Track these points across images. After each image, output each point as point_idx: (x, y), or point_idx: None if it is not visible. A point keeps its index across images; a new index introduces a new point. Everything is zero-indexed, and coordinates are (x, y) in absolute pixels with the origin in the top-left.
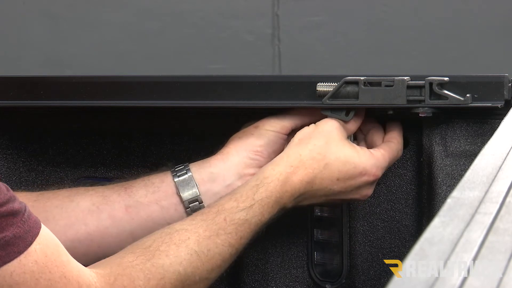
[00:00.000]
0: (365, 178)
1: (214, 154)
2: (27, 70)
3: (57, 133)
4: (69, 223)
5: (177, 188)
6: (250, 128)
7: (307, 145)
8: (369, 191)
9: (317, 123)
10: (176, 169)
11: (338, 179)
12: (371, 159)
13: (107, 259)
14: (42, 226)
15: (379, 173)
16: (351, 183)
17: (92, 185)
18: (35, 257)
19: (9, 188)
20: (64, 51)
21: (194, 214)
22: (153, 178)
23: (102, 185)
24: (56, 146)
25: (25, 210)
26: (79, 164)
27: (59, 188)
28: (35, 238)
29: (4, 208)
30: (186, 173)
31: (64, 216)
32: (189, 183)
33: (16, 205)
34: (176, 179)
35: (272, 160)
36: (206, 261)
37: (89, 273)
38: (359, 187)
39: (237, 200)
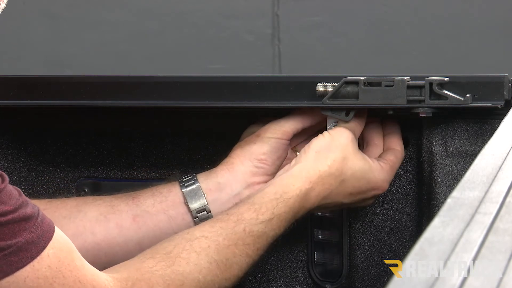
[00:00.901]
0: (374, 192)
1: (214, 154)
2: (27, 70)
3: (57, 133)
4: (77, 232)
5: (184, 198)
6: (252, 137)
7: (325, 160)
8: (372, 200)
9: (332, 133)
10: (183, 179)
11: (350, 194)
12: (382, 173)
13: (124, 263)
14: (56, 229)
15: (387, 186)
16: (362, 196)
17: (92, 185)
18: (48, 262)
19: (22, 193)
20: (64, 51)
21: (213, 220)
22: (161, 188)
23: (109, 194)
24: (56, 146)
25: (38, 214)
26: (79, 164)
27: (59, 189)
28: (48, 242)
29: (16, 214)
30: (193, 183)
31: (71, 226)
32: (196, 192)
33: (28, 210)
34: (184, 189)
35: (291, 173)
36: (224, 270)
37: (104, 277)
38: (367, 198)
39: (257, 212)
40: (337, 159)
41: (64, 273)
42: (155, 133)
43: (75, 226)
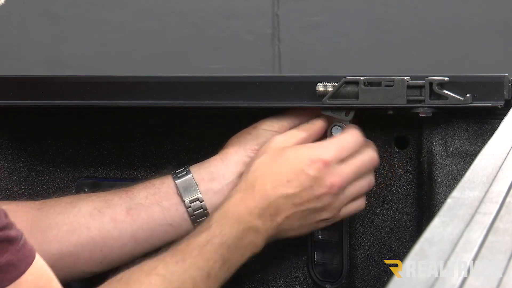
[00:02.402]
0: (318, 166)
1: (214, 154)
2: (27, 70)
3: (57, 133)
4: (72, 228)
5: (177, 189)
6: (249, 129)
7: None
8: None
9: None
10: (176, 171)
11: (288, 181)
12: (311, 148)
13: None
14: (37, 256)
15: (331, 157)
16: (307, 178)
17: (92, 185)
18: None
19: (7, 215)
20: (64, 51)
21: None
22: (154, 180)
23: (104, 190)
24: (56, 146)
25: (21, 238)
26: (79, 164)
27: (59, 189)
28: (28, 267)
29: (0, 234)
30: (186, 174)
31: (66, 222)
32: (189, 183)
33: (12, 233)
34: (176, 180)
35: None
36: (178, 286)
37: None
38: (316, 178)
39: (197, 229)
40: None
41: None
42: (155, 133)
43: (70, 222)
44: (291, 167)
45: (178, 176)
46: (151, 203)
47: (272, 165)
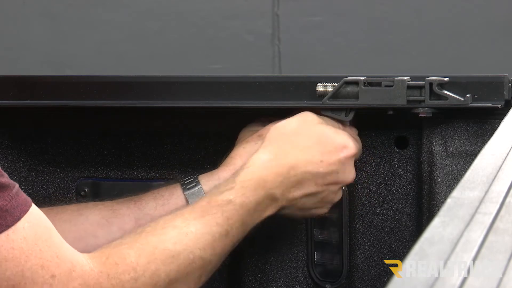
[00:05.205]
0: (349, 154)
1: (214, 154)
2: (27, 70)
3: (57, 133)
4: (78, 236)
5: (187, 201)
6: (254, 137)
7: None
8: (351, 170)
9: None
10: (185, 182)
11: (321, 161)
12: (345, 135)
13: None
14: (33, 206)
15: (357, 151)
16: (338, 163)
17: (92, 185)
18: (23, 234)
19: None
20: (64, 51)
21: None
22: (163, 191)
23: (111, 199)
24: (56, 146)
25: (14, 186)
26: (79, 164)
27: (59, 189)
28: (24, 214)
29: None
30: (195, 185)
31: (73, 229)
32: (198, 195)
33: (3, 180)
34: (186, 192)
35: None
36: (195, 239)
37: (82, 255)
38: (345, 169)
39: (219, 186)
40: (291, 126)
41: (41, 247)
42: (155, 133)
43: (77, 229)
44: (327, 149)
45: (187, 187)
46: (160, 214)
47: (308, 139)
